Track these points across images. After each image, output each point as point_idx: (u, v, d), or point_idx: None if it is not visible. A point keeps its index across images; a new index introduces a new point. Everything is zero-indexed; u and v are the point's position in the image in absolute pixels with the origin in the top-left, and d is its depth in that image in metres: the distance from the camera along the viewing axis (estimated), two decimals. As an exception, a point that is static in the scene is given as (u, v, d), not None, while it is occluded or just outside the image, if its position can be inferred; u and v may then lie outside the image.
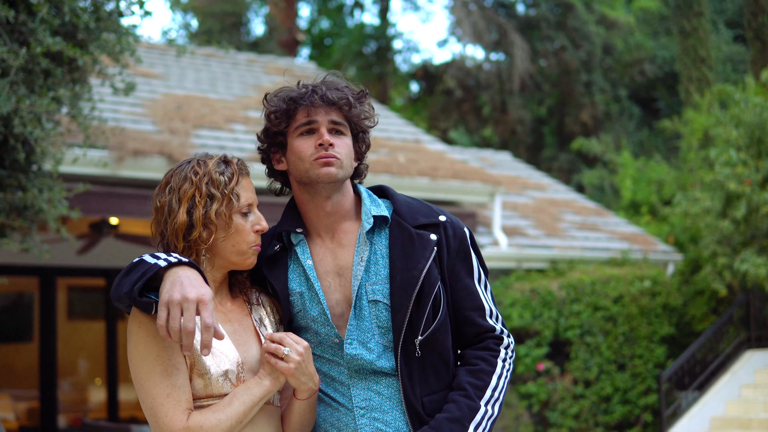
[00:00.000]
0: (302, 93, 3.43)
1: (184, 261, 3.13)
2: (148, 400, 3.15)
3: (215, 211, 3.29)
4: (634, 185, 23.19)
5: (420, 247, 3.41)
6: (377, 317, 3.42)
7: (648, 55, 31.29)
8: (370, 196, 3.55)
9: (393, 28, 34.78)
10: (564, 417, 15.10)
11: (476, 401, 3.36)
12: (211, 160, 3.39)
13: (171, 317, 2.97)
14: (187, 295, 2.98)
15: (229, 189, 3.33)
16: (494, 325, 3.50)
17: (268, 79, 17.54)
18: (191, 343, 2.99)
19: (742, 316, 15.83)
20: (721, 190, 14.83)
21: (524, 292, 15.21)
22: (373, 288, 3.42)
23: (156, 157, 11.56)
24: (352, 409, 3.42)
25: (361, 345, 3.41)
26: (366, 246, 3.45)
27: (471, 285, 3.50)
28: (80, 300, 16.57)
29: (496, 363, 3.45)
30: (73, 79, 7.45)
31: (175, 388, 3.14)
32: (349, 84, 3.51)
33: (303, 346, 3.24)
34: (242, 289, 3.49)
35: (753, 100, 15.28)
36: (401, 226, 3.46)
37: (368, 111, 3.52)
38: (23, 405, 14.89)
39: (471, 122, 32.89)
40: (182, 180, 3.32)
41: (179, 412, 3.12)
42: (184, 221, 3.27)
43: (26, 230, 7.58)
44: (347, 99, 3.43)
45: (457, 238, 3.51)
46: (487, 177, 15.04)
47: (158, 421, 3.13)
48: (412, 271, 3.37)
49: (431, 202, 3.65)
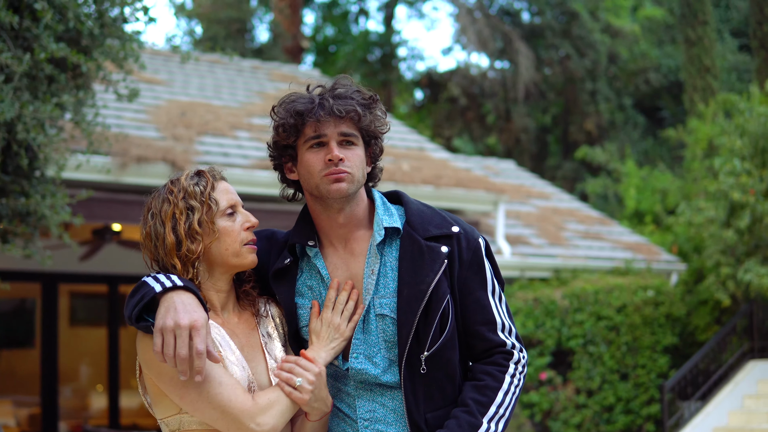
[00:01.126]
0: (309, 107, 3.35)
1: (179, 285, 3.15)
2: (201, 401, 3.16)
3: (197, 220, 3.31)
4: (638, 194, 23.15)
5: (429, 261, 3.35)
6: (384, 331, 3.38)
7: (653, 64, 31.27)
8: (384, 204, 3.50)
9: (398, 35, 34.81)
10: (566, 427, 15.07)
11: (478, 418, 3.32)
12: (183, 175, 3.40)
13: (165, 344, 3.03)
14: (180, 321, 3.03)
15: (206, 196, 3.34)
16: (505, 339, 3.44)
17: (273, 86, 17.53)
18: (186, 369, 3.03)
19: (746, 326, 15.80)
20: (725, 200, 14.81)
21: (527, 301, 15.19)
22: (381, 302, 3.39)
23: (159, 164, 11.55)
24: (357, 420, 3.41)
25: (367, 359, 3.38)
26: (376, 258, 3.41)
27: (483, 298, 3.45)
28: (82, 306, 16.55)
29: (503, 379, 3.39)
30: (76, 85, 7.45)
31: (224, 375, 3.18)
32: (361, 88, 3.42)
33: (314, 372, 3.25)
34: (250, 301, 3.49)
35: (758, 109, 15.25)
36: (412, 238, 3.40)
37: (380, 117, 3.46)
38: (24, 411, 14.87)
39: (475, 130, 32.86)
40: (161, 202, 3.36)
41: (241, 393, 3.18)
42: (172, 240, 3.30)
43: (29, 236, 7.58)
44: (356, 110, 3.35)
45: (471, 250, 3.44)
46: (490, 185, 15.02)
47: (228, 412, 3.16)
48: (419, 285, 3.32)
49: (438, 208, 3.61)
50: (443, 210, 3.57)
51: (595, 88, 30.75)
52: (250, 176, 11.77)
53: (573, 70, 30.50)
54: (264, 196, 11.55)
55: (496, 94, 31.29)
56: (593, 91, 30.82)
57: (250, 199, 9.26)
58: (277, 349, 3.43)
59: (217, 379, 3.16)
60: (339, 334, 3.37)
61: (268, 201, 11.69)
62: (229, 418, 3.17)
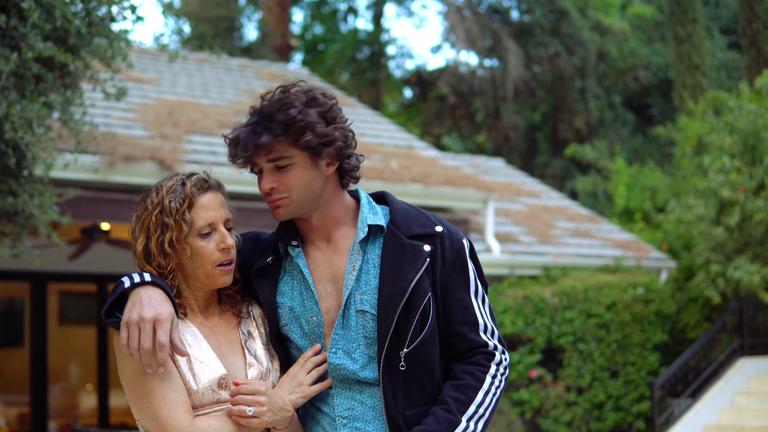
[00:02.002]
0: (230, 152, 3.43)
1: (148, 281, 3.21)
2: (144, 407, 3.20)
3: (168, 240, 3.30)
4: (627, 192, 23.18)
5: (411, 258, 3.36)
6: (364, 327, 3.38)
7: (642, 62, 31.31)
8: (369, 203, 3.50)
9: (386, 33, 34.74)
10: (557, 424, 15.07)
11: (457, 416, 3.32)
12: (169, 182, 3.37)
13: (130, 337, 3.10)
14: (144, 315, 3.10)
15: (179, 215, 3.31)
16: (487, 340, 3.44)
17: (261, 85, 17.50)
18: (150, 362, 3.10)
19: (736, 323, 15.80)
20: (714, 198, 14.81)
21: (517, 299, 15.18)
22: (362, 298, 3.39)
23: (147, 163, 11.53)
24: (335, 418, 3.41)
25: (346, 355, 3.39)
26: (359, 255, 3.42)
27: (466, 298, 3.44)
28: (71, 305, 16.51)
29: (484, 379, 3.40)
30: (64, 84, 7.43)
31: (171, 391, 3.19)
32: (292, 95, 3.36)
33: (260, 392, 3.25)
34: (232, 302, 3.50)
35: (747, 107, 15.25)
36: (395, 236, 3.41)
37: (317, 119, 3.35)
38: (14, 410, 14.83)
39: (464, 128, 32.87)
40: (143, 210, 3.36)
41: (181, 413, 3.18)
42: (140, 251, 3.33)
43: (17, 235, 7.56)
44: (268, 139, 3.31)
45: (454, 250, 3.45)
46: (480, 183, 15.01)
47: (161, 424, 3.18)
48: (400, 282, 3.33)
49: (424, 209, 3.60)
50: (429, 211, 3.58)
51: (584, 85, 30.78)
52: (239, 175, 11.67)
53: (562, 67, 30.51)
54: (252, 195, 11.51)
55: (485, 92, 31.30)
56: (582, 89, 30.84)
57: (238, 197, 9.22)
58: (257, 347, 3.44)
59: (161, 393, 3.18)
60: (300, 389, 3.39)
61: (256, 200, 11.67)
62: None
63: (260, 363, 3.41)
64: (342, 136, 3.41)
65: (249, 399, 3.23)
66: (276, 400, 3.28)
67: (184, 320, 3.34)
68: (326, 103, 3.39)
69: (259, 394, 3.25)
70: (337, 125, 3.40)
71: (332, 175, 3.44)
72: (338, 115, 3.42)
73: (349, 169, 3.47)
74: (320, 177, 3.40)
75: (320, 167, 3.39)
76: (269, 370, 3.42)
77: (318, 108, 3.36)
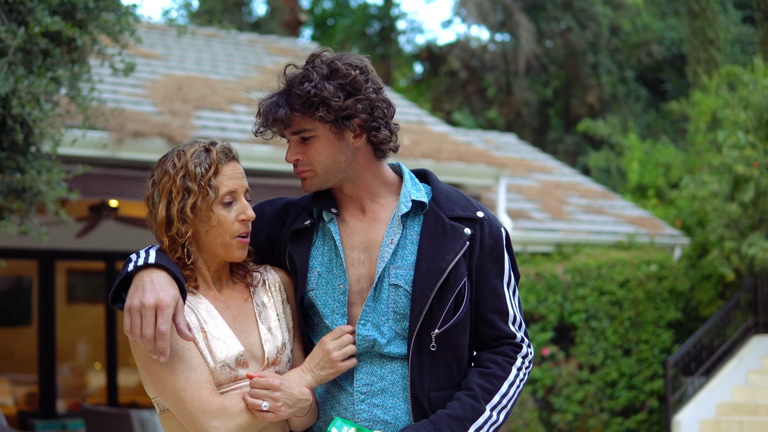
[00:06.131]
0: (258, 125, 3.42)
1: (151, 263, 3.12)
2: (166, 390, 3.13)
3: (191, 205, 3.22)
4: (640, 168, 23.03)
5: (452, 240, 3.33)
6: (395, 302, 3.33)
7: (655, 37, 31.11)
8: (412, 179, 3.46)
9: (397, 8, 34.59)
10: (569, 402, 15.01)
11: (482, 404, 3.30)
12: (192, 148, 3.29)
13: (132, 324, 3.02)
14: (145, 301, 3.02)
15: (206, 181, 3.23)
16: (515, 332, 3.42)
17: (271, 60, 17.39)
18: (153, 349, 3.02)
19: (750, 300, 15.73)
20: (728, 173, 14.72)
21: (529, 276, 15.09)
22: (397, 272, 3.34)
23: (156, 139, 11.45)
24: (353, 393, 3.35)
25: (375, 327, 3.34)
26: (399, 228, 3.37)
27: (499, 287, 3.41)
28: (80, 283, 16.46)
29: (510, 370, 3.38)
30: (72, 60, 7.38)
31: (192, 371, 3.13)
32: (313, 67, 3.32)
33: (273, 387, 3.18)
34: (243, 272, 3.42)
35: (762, 81, 15.17)
36: (436, 215, 3.38)
37: (334, 93, 3.28)
38: (22, 390, 14.83)
39: (475, 104, 32.74)
40: (163, 173, 3.27)
41: (206, 393, 3.12)
42: (163, 216, 3.24)
43: (25, 213, 7.53)
44: (284, 113, 3.31)
45: (493, 237, 3.42)
46: (491, 159, 14.90)
47: (187, 408, 3.11)
48: (439, 262, 3.30)
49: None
50: (470, 196, 3.54)
51: (596, 60, 30.62)
52: (249, 151, 11.66)
53: (574, 42, 30.36)
54: (263, 171, 11.46)
55: (497, 67, 31.17)
56: (595, 64, 30.69)
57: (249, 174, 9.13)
58: (271, 318, 3.37)
59: (183, 374, 3.11)
60: (331, 365, 3.31)
61: (266, 176, 11.60)
62: (189, 416, 3.13)
63: (275, 337, 3.34)
64: (366, 107, 3.32)
65: (263, 393, 3.17)
66: (292, 393, 3.21)
67: (197, 294, 3.27)
68: (348, 74, 3.30)
69: (273, 389, 3.18)
70: (359, 97, 3.30)
71: (363, 146, 3.38)
72: (362, 86, 3.31)
73: (377, 142, 3.38)
74: (347, 149, 3.35)
75: (347, 139, 3.34)
76: (285, 345, 3.36)
77: (338, 80, 3.29)
